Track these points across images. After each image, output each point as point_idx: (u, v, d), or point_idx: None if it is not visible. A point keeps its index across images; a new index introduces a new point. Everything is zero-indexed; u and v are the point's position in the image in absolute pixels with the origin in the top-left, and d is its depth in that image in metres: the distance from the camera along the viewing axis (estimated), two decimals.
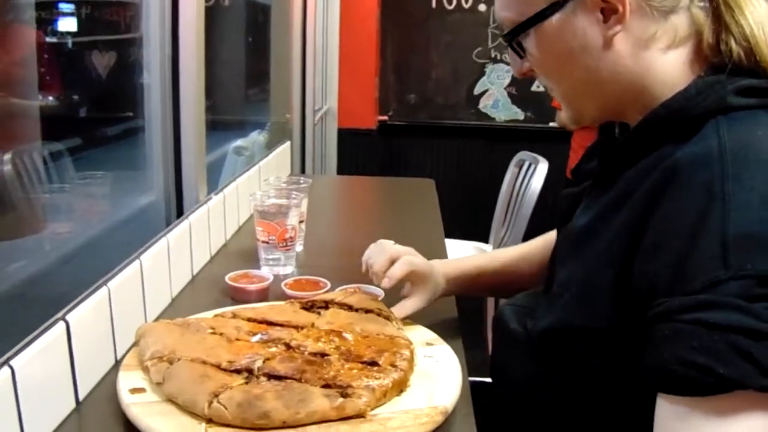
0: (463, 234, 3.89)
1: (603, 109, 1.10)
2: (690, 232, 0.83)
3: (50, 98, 2.33)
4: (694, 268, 0.81)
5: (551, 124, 4.95)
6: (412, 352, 1.24)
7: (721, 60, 0.97)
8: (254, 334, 1.27)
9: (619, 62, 1.02)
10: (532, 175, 3.67)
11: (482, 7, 4.97)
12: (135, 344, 1.26)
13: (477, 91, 5.11)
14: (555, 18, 1.02)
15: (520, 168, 3.93)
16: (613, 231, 0.98)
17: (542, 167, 3.67)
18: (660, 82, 1.01)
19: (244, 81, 3.78)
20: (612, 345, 0.97)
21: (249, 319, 1.34)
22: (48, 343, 1.04)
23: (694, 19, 1.01)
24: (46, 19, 2.24)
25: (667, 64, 1.01)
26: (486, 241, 4.08)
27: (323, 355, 1.19)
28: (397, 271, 1.41)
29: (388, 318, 1.38)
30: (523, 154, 4.05)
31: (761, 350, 0.76)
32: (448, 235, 2.41)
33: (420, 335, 1.36)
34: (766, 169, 0.85)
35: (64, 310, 1.12)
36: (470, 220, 4.15)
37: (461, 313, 1.56)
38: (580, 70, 1.05)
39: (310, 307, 1.43)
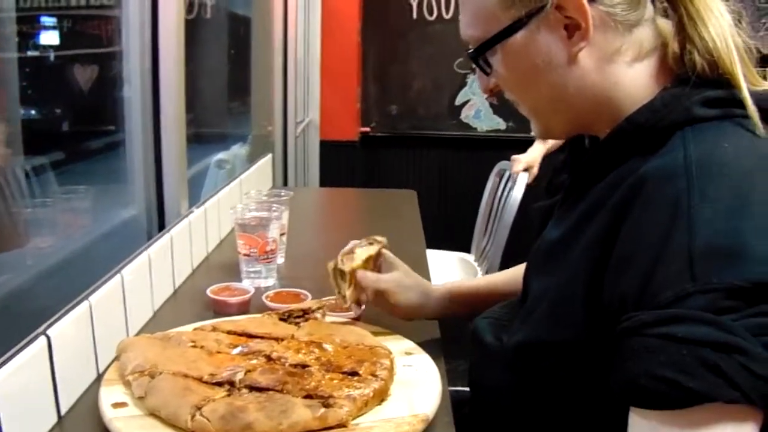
0: (445, 245, 3.90)
1: (571, 123, 1.11)
2: (657, 246, 0.84)
3: (32, 112, 2.32)
4: (661, 282, 0.82)
5: (533, 133, 4.95)
6: (391, 362, 1.26)
7: (686, 71, 0.98)
8: (235, 346, 1.28)
9: (585, 77, 1.03)
10: (513, 184, 3.68)
11: None
12: (116, 359, 1.26)
13: (459, 101, 5.12)
14: (519, 35, 1.03)
15: (501, 177, 3.95)
16: (584, 245, 0.99)
17: (523, 177, 3.69)
18: (626, 94, 1.02)
19: (226, 94, 3.78)
20: (584, 359, 0.97)
21: (229, 332, 1.35)
22: (29, 358, 1.05)
23: (659, 32, 1.02)
24: (27, 33, 2.24)
25: (633, 77, 1.02)
26: (468, 251, 4.10)
27: (304, 366, 1.20)
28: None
29: None
30: (503, 164, 4.07)
31: (729, 363, 0.76)
32: (430, 246, 2.42)
33: (399, 345, 1.37)
34: (731, 182, 0.86)
35: (46, 325, 1.12)
36: (452, 230, 4.15)
37: (443, 324, 1.56)
38: (546, 85, 1.05)
39: (287, 317, 1.44)
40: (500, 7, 1.03)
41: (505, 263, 3.17)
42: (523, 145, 4.07)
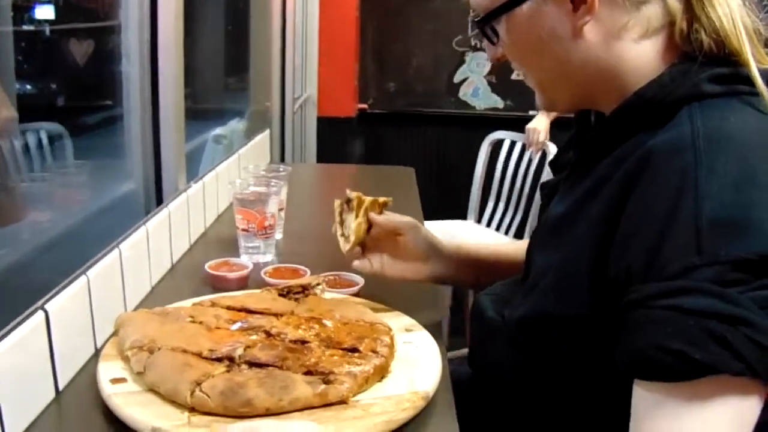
0: (441, 216, 3.92)
1: (575, 96, 1.11)
2: (664, 219, 0.84)
3: (28, 87, 2.31)
4: (668, 255, 0.82)
5: (531, 112, 4.96)
6: (392, 338, 1.25)
7: (693, 48, 0.98)
8: (234, 322, 1.27)
9: (590, 51, 1.02)
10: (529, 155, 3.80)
11: None
12: (114, 334, 1.25)
13: (457, 79, 5.11)
14: (525, 6, 1.03)
15: (496, 147, 4.01)
16: (589, 219, 0.98)
17: (553, 148, 3.76)
18: (633, 71, 1.02)
19: (224, 69, 3.76)
20: (589, 332, 0.97)
21: (228, 308, 1.34)
22: (27, 333, 1.04)
23: (668, 10, 1.01)
24: (23, 7, 2.22)
25: (639, 54, 1.02)
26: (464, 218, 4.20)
27: (304, 342, 1.20)
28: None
29: None
30: (497, 134, 4.11)
31: (735, 335, 0.76)
32: (428, 218, 2.42)
33: (399, 321, 1.37)
34: (739, 155, 0.86)
35: (43, 300, 1.11)
36: (449, 203, 4.17)
37: (443, 301, 1.56)
38: (551, 58, 1.05)
39: (286, 293, 1.43)
40: None
41: None
42: (521, 123, 4.08)
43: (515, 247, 1.52)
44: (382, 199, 1.45)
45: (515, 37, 1.07)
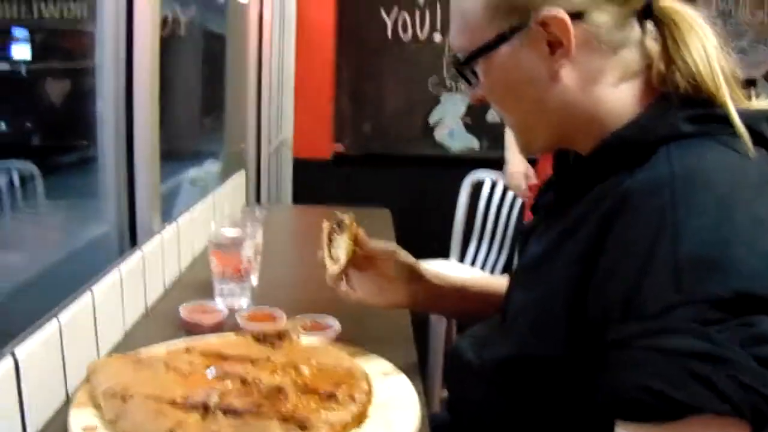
0: (421, 256, 3.90)
1: (553, 138, 1.11)
2: (642, 257, 0.84)
3: (2, 125, 2.29)
4: (647, 294, 0.81)
5: (517, 147, 4.97)
6: (369, 384, 1.24)
7: (670, 91, 0.99)
8: (209, 368, 1.25)
9: (567, 94, 1.03)
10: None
11: (437, 38, 4.99)
12: (87, 380, 1.23)
13: (432, 120, 5.11)
14: (503, 48, 1.03)
15: (477, 188, 4.02)
16: (567, 258, 0.98)
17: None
18: (610, 113, 1.02)
19: (200, 110, 3.75)
20: (568, 373, 0.96)
21: (203, 353, 1.32)
22: None
23: (646, 53, 1.03)
24: None
25: (617, 97, 1.02)
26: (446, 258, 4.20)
27: (280, 388, 1.18)
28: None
29: None
30: (477, 174, 4.13)
31: (717, 374, 0.76)
32: None
33: (377, 366, 1.35)
34: (715, 194, 0.86)
35: (13, 345, 1.09)
36: (430, 244, 4.14)
37: (419, 345, 1.55)
38: (528, 100, 1.06)
39: (262, 338, 1.41)
40: (486, 20, 1.04)
41: None
42: (497, 163, 4.09)
43: (498, 280, 1.52)
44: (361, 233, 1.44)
45: (493, 79, 1.07)
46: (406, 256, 1.46)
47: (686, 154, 0.92)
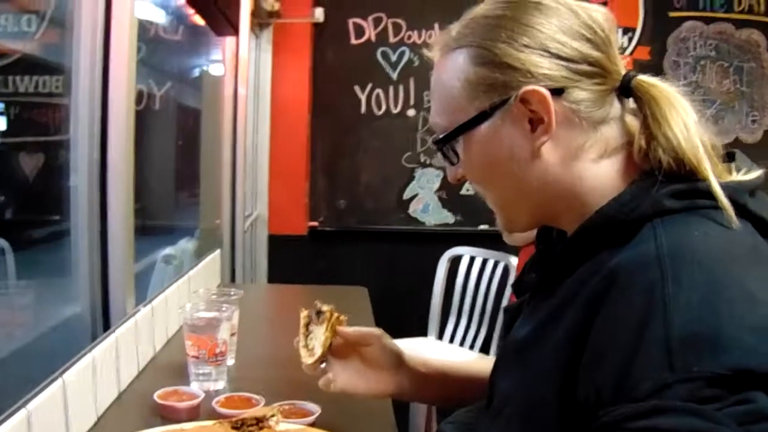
0: (399, 334, 3.86)
1: (534, 215, 1.10)
2: (633, 337, 0.81)
3: None
4: (639, 374, 0.79)
5: (481, 227, 4.99)
6: None
7: (652, 166, 0.98)
8: None
9: (548, 171, 1.02)
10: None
11: (411, 113, 5.03)
12: None
13: (407, 195, 5.12)
14: (483, 126, 1.03)
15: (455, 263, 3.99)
16: (555, 341, 0.95)
17: (513, 261, 3.75)
18: (592, 190, 1.01)
19: (174, 185, 3.73)
20: None
21: None
22: None
23: (626, 129, 1.03)
24: None
25: (599, 174, 1.02)
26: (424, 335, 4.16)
27: None
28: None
29: None
30: (455, 251, 4.11)
31: None
32: None
33: None
34: (704, 269, 0.84)
35: None
36: (407, 321, 4.12)
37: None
38: (509, 178, 1.05)
39: (240, 426, 1.36)
40: (466, 98, 1.04)
41: None
42: (472, 239, 4.08)
43: (482, 363, 1.48)
44: (342, 317, 1.39)
45: (474, 157, 1.07)
46: (390, 343, 1.42)
47: (672, 231, 0.91)
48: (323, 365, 1.39)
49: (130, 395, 1.71)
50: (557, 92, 0.99)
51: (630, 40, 4.92)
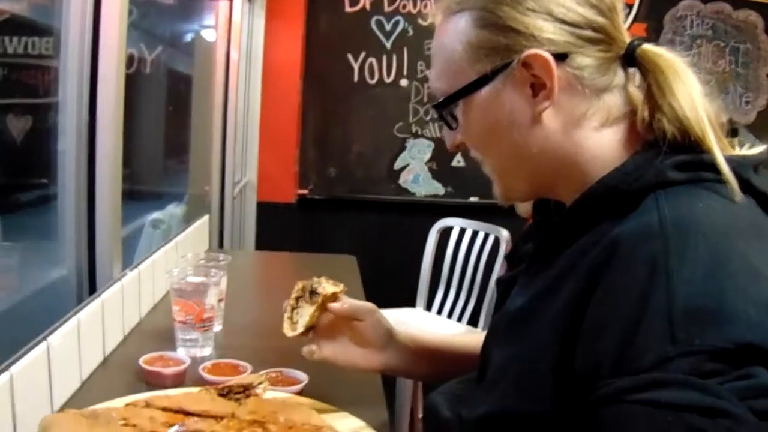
0: (387, 304, 3.85)
1: (533, 185, 1.09)
2: (634, 309, 0.80)
3: None
4: (640, 347, 0.78)
5: (471, 198, 4.98)
6: None
7: (655, 137, 0.97)
8: (170, 425, 1.18)
9: (549, 138, 1.01)
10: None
11: (404, 82, 5.00)
12: None
13: (398, 165, 5.11)
14: (484, 90, 1.02)
15: (462, 236, 3.98)
16: (553, 311, 0.94)
17: (504, 234, 3.76)
18: (593, 159, 1.00)
19: (163, 151, 3.70)
20: (555, 430, 0.91)
21: (164, 409, 1.25)
22: None
23: (630, 98, 1.01)
24: None
25: (600, 142, 1.00)
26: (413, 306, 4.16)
27: None
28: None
29: None
30: (444, 222, 4.10)
31: (717, 428, 0.72)
32: None
33: (347, 424, 1.30)
34: (708, 241, 0.83)
35: None
36: (394, 291, 4.11)
37: (388, 400, 1.50)
38: (509, 144, 1.03)
39: (227, 393, 1.35)
40: (468, 61, 1.02)
41: None
42: (462, 211, 4.07)
43: (472, 338, 1.47)
44: (339, 290, 1.38)
45: (474, 122, 1.05)
46: (382, 318, 1.41)
47: (676, 202, 0.89)
48: (310, 335, 1.38)
49: (115, 360, 1.70)
50: (560, 57, 0.98)
51: (626, 16, 4.88)
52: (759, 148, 0.99)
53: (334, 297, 1.37)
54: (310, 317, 1.34)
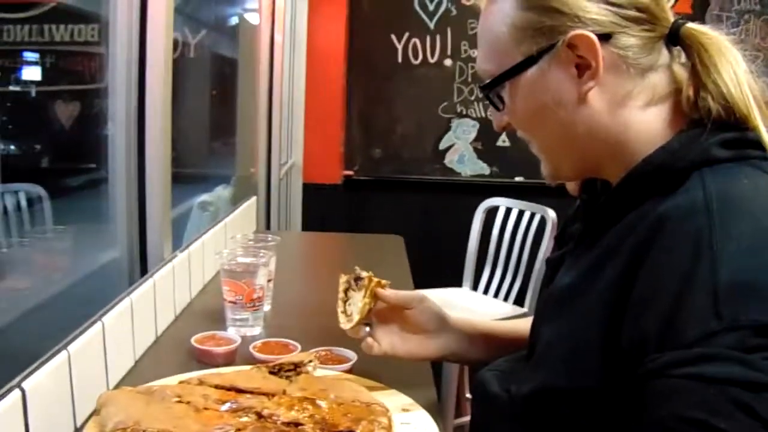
0: (433, 284, 3.86)
1: (580, 164, 1.09)
2: (679, 284, 0.81)
3: (11, 147, 2.27)
4: (685, 321, 0.79)
5: (517, 178, 4.96)
6: (389, 420, 1.19)
7: (700, 115, 0.97)
8: (223, 402, 1.20)
9: (594, 118, 1.01)
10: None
11: (448, 62, 4.99)
12: (96, 413, 1.18)
13: (443, 146, 5.10)
14: (530, 71, 1.02)
15: (508, 215, 4.00)
16: (600, 288, 0.95)
17: (551, 214, 3.75)
18: (638, 138, 1.00)
19: (210, 134, 3.74)
20: (602, 405, 0.93)
21: (217, 386, 1.28)
22: (2, 413, 0.97)
23: (674, 77, 1.01)
24: (9, 68, 2.20)
25: (645, 121, 1.01)
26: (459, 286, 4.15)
27: (297, 424, 1.14)
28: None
29: None
30: (491, 201, 4.09)
31: (762, 403, 0.72)
32: (420, 287, 2.37)
33: (396, 401, 1.31)
34: (753, 218, 0.84)
35: (20, 377, 1.05)
36: (440, 271, 4.11)
37: (437, 379, 1.50)
38: (555, 124, 1.04)
39: (277, 371, 1.37)
40: (513, 43, 1.03)
41: None
42: (507, 190, 4.05)
43: (525, 322, 1.48)
44: (384, 282, 1.39)
45: (520, 103, 1.06)
46: (433, 305, 1.42)
47: (721, 179, 0.90)
48: (367, 329, 1.39)
49: (167, 340, 1.73)
50: (605, 37, 0.98)
51: None
52: None
53: (380, 285, 1.38)
54: (363, 304, 1.35)
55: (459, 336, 1.42)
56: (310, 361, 1.40)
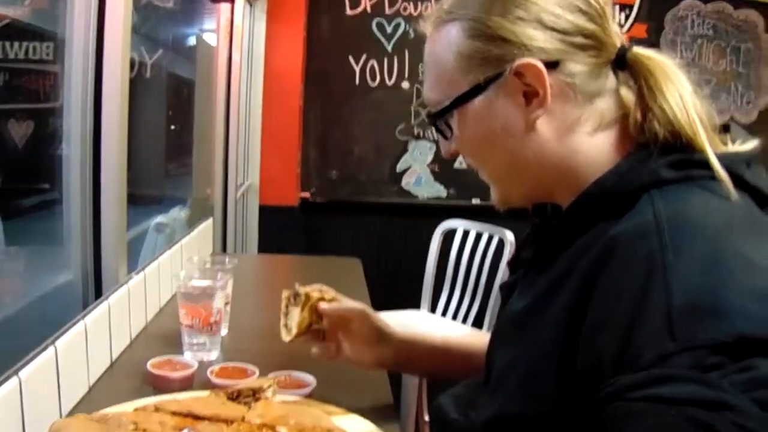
0: (391, 306, 3.85)
1: (530, 190, 1.10)
2: (633, 306, 0.81)
3: None
4: (640, 343, 0.78)
5: (474, 200, 4.97)
6: None
7: (647, 139, 0.98)
8: (180, 429, 1.18)
9: (543, 145, 1.02)
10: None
11: (405, 85, 4.99)
12: None
13: (400, 168, 5.10)
14: (477, 100, 1.03)
15: (466, 238, 3.97)
16: (554, 312, 0.95)
17: (508, 236, 3.76)
18: (588, 163, 1.02)
19: (166, 154, 3.70)
20: (561, 431, 0.92)
21: (174, 413, 1.25)
22: None
23: (622, 102, 1.03)
24: None
25: (594, 146, 1.02)
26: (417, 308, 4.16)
27: None
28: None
29: None
30: (448, 224, 4.09)
31: (721, 421, 0.71)
32: (379, 309, 2.36)
33: (356, 426, 1.30)
34: (704, 237, 0.84)
35: None
36: (398, 293, 4.10)
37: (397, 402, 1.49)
38: (504, 152, 1.05)
39: (236, 396, 1.34)
40: (460, 72, 1.04)
41: None
42: (464, 212, 4.06)
43: (468, 337, 1.50)
44: (328, 297, 1.45)
45: (468, 131, 1.07)
46: (373, 319, 1.45)
47: (670, 200, 0.91)
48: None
49: (123, 365, 1.70)
50: (552, 65, 0.99)
51: (627, 17, 4.89)
52: (751, 144, 1.00)
53: (323, 299, 1.43)
54: (301, 318, 1.41)
55: (402, 348, 1.46)
56: (270, 386, 1.37)
